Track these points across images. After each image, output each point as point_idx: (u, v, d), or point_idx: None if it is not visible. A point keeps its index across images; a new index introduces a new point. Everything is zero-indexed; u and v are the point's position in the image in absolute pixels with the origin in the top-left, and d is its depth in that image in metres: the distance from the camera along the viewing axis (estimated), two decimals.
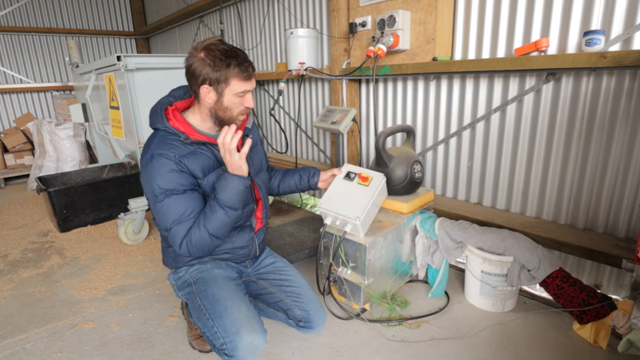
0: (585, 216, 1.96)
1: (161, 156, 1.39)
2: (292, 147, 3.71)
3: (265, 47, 3.82)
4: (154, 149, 1.41)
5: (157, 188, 1.38)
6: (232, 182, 1.39)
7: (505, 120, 2.15)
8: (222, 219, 1.40)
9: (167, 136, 1.44)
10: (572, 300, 1.69)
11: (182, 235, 1.40)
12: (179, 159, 1.40)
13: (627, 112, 1.74)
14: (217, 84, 1.39)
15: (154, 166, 1.39)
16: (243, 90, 1.42)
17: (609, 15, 1.73)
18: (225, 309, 1.43)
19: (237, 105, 1.45)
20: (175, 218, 1.39)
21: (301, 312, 1.63)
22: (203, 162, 1.45)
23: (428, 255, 2.07)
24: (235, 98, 1.43)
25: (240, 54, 1.40)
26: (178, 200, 1.39)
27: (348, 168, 1.86)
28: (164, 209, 1.39)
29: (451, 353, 1.64)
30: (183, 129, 1.46)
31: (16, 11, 5.37)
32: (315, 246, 2.44)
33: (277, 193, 1.91)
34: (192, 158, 1.43)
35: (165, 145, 1.41)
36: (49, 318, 1.98)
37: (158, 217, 1.43)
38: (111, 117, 2.94)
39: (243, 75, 1.39)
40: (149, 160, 1.40)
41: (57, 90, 5.70)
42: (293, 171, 1.90)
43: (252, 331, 1.38)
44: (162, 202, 1.39)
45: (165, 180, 1.38)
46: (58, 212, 3.04)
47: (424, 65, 2.24)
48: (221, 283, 1.53)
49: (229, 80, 1.39)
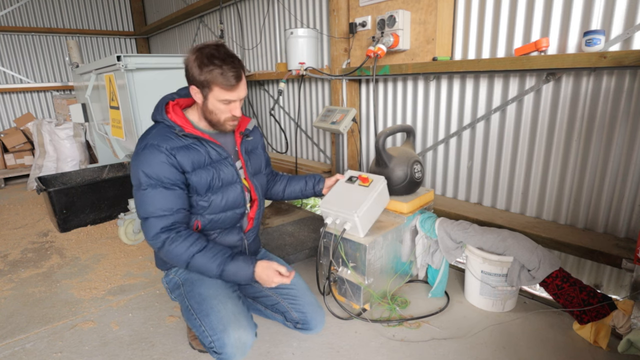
0: (585, 216, 1.96)
1: (154, 147, 1.41)
2: (292, 147, 3.71)
3: (265, 47, 3.82)
4: (150, 139, 1.44)
5: (143, 176, 1.40)
6: (246, 276, 1.44)
7: (505, 120, 2.15)
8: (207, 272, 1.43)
9: (164, 128, 1.47)
10: (572, 300, 1.69)
11: (157, 229, 1.40)
12: (170, 151, 1.42)
13: (627, 112, 1.74)
14: (202, 87, 1.41)
15: (146, 155, 1.41)
16: (225, 99, 1.42)
17: (609, 15, 1.73)
18: (211, 307, 1.44)
19: (223, 112, 1.45)
20: (155, 211, 1.40)
21: (298, 314, 1.63)
22: (194, 157, 1.47)
23: (428, 255, 2.07)
24: (219, 104, 1.43)
25: (228, 62, 1.38)
26: (162, 194, 1.40)
27: (350, 173, 1.89)
28: (145, 197, 1.40)
29: (451, 353, 1.64)
30: (179, 122, 1.48)
31: (16, 11, 5.37)
32: (315, 246, 2.44)
33: (282, 198, 1.93)
34: (184, 152, 1.45)
35: (161, 137, 1.44)
36: (49, 318, 1.98)
37: (137, 205, 1.44)
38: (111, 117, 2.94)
39: (224, 85, 1.39)
40: (142, 149, 1.43)
41: (57, 90, 5.70)
42: (299, 177, 1.93)
43: (239, 327, 1.39)
44: (145, 191, 1.40)
45: (154, 171, 1.40)
46: (58, 212, 3.04)
47: (424, 65, 2.24)
48: (208, 282, 1.54)
49: (211, 86, 1.40)
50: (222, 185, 1.53)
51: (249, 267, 1.43)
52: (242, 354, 1.39)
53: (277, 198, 1.93)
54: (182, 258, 1.41)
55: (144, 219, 1.42)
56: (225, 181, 1.53)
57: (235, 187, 1.57)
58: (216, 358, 1.40)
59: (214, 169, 1.50)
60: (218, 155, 1.52)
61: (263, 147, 1.79)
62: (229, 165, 1.54)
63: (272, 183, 1.91)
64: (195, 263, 1.41)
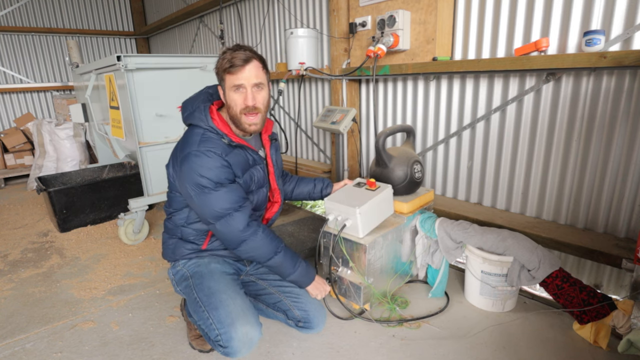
0: (585, 216, 1.96)
1: (209, 152, 1.43)
2: (292, 147, 3.71)
3: (265, 47, 3.82)
4: (200, 146, 1.44)
5: (206, 181, 1.42)
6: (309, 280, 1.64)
7: (505, 120, 2.15)
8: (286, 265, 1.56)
9: (211, 135, 1.48)
10: (572, 300, 1.69)
11: (247, 220, 1.46)
12: (224, 156, 1.45)
13: (627, 112, 1.74)
14: (220, 81, 1.47)
15: (203, 161, 1.42)
16: (233, 84, 1.43)
17: (609, 15, 1.73)
18: (220, 301, 1.45)
19: (236, 103, 1.46)
20: (233, 205, 1.44)
21: (300, 312, 1.64)
22: (240, 162, 1.52)
23: (428, 255, 2.07)
24: (233, 94, 1.45)
25: (237, 49, 1.41)
26: (232, 188, 1.46)
27: (359, 180, 1.94)
28: (218, 197, 1.43)
29: (451, 353, 1.64)
30: (226, 130, 1.50)
31: (16, 11, 5.37)
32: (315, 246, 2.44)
33: (290, 198, 1.96)
34: (232, 157, 1.49)
35: (211, 143, 1.45)
36: (49, 318, 1.98)
37: (207, 206, 1.44)
38: (111, 117, 2.94)
39: (230, 69, 1.40)
40: (195, 156, 1.43)
41: (57, 90, 5.70)
42: (308, 179, 1.97)
43: (246, 322, 1.40)
44: (217, 192, 1.43)
45: (215, 175, 1.42)
46: (58, 212, 3.04)
47: (424, 65, 2.24)
48: (217, 277, 1.56)
49: (223, 75, 1.44)
50: (255, 188, 1.59)
51: (313, 272, 1.65)
52: (247, 349, 1.40)
53: (285, 198, 1.95)
54: (270, 247, 1.49)
55: (227, 215, 1.44)
56: (257, 184, 1.60)
57: (263, 190, 1.64)
58: (221, 352, 1.41)
59: (250, 174, 1.56)
60: (254, 160, 1.58)
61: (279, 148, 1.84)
62: (260, 170, 1.60)
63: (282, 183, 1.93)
64: (280, 256, 1.52)
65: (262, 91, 1.47)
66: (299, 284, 1.63)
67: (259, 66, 1.45)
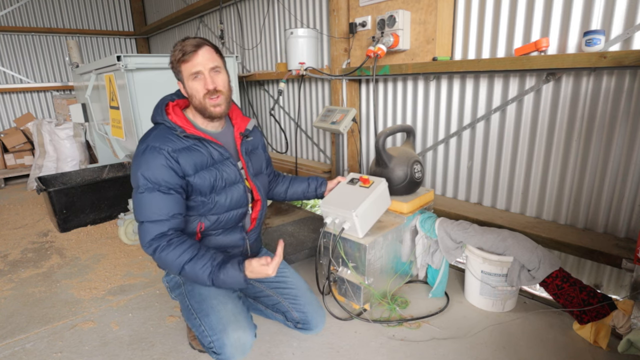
0: (585, 216, 1.96)
1: (155, 149, 1.39)
2: (292, 147, 3.71)
3: (265, 47, 3.82)
4: (151, 141, 1.42)
5: (142, 179, 1.38)
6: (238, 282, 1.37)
7: (505, 120, 2.15)
8: (200, 282, 1.39)
9: (165, 130, 1.45)
10: (572, 300, 1.69)
11: (152, 236, 1.37)
12: (171, 153, 1.40)
13: (627, 112, 1.74)
14: (177, 74, 1.46)
15: (146, 157, 1.39)
16: (190, 72, 1.42)
17: (609, 15, 1.73)
18: (211, 307, 1.44)
19: (197, 90, 1.44)
20: (151, 215, 1.38)
21: (299, 314, 1.63)
22: (196, 159, 1.45)
23: (428, 255, 2.07)
24: (192, 83, 1.43)
25: (188, 39, 1.41)
26: (159, 198, 1.38)
27: (352, 175, 1.90)
28: (143, 201, 1.39)
29: (451, 353, 1.64)
30: (180, 123, 1.47)
31: (16, 11, 5.37)
32: (315, 246, 2.44)
33: (284, 198, 1.93)
34: (185, 154, 1.43)
35: (162, 139, 1.42)
36: (49, 318, 1.98)
37: (135, 208, 1.43)
38: (111, 117, 2.93)
39: (183, 58, 1.40)
40: (142, 151, 1.41)
41: (57, 90, 5.70)
42: (301, 179, 1.93)
43: (238, 327, 1.39)
44: (142, 194, 1.38)
45: (153, 174, 1.38)
46: (58, 212, 3.04)
47: (424, 65, 2.24)
48: None
49: (178, 66, 1.43)
50: (225, 185, 1.52)
51: (239, 274, 1.36)
52: (241, 355, 1.39)
53: (279, 199, 1.94)
54: (172, 267, 1.38)
55: (140, 223, 1.41)
56: (228, 181, 1.53)
57: (239, 186, 1.56)
58: (215, 358, 1.40)
59: (217, 170, 1.49)
60: (220, 155, 1.51)
61: (263, 147, 1.79)
62: (231, 165, 1.53)
63: (275, 184, 1.91)
64: (185, 273, 1.38)
65: (220, 74, 1.46)
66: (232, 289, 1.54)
67: (211, 50, 1.44)
